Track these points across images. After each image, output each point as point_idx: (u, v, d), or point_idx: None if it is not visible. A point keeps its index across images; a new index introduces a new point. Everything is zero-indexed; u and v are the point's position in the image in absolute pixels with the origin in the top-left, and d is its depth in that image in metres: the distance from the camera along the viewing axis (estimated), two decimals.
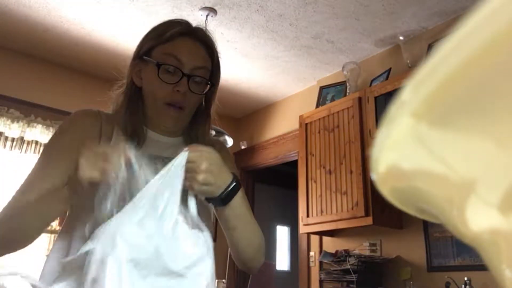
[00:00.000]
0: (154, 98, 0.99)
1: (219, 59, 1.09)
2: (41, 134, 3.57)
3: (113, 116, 1.02)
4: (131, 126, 0.99)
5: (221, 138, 3.16)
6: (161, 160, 1.00)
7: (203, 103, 1.09)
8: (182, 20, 1.06)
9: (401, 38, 3.04)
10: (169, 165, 0.78)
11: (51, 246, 2.98)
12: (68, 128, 1.00)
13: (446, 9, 2.83)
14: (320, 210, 3.12)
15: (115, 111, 1.04)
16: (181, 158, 0.78)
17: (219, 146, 1.13)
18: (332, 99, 3.40)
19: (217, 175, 0.83)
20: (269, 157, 4.25)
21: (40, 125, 3.57)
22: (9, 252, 0.90)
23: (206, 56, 1.04)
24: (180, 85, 0.98)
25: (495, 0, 0.19)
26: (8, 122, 3.47)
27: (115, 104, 1.05)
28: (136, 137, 0.99)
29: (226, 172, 0.86)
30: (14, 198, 0.91)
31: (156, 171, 0.96)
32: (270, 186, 5.58)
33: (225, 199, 0.86)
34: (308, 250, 3.62)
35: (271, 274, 3.40)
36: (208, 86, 1.04)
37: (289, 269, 5.74)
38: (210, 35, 1.07)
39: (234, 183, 0.87)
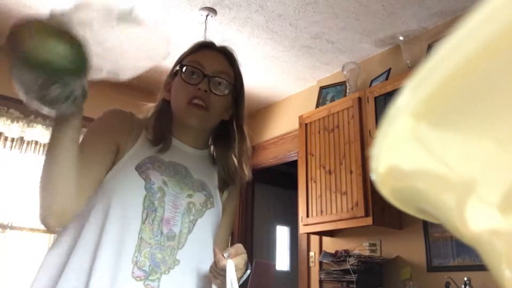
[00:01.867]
0: (179, 100, 1.07)
1: (242, 78, 1.17)
2: (41, 134, 3.57)
3: (143, 121, 1.10)
4: (159, 131, 1.06)
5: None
6: (183, 168, 1.06)
7: (236, 121, 1.15)
8: (208, 40, 1.18)
9: (401, 38, 3.04)
10: (229, 279, 0.87)
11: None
12: (103, 122, 1.05)
13: (446, 9, 2.83)
14: (320, 210, 3.12)
15: (145, 118, 1.11)
16: (231, 268, 0.89)
17: (237, 182, 1.19)
18: (332, 99, 3.40)
19: (243, 270, 0.95)
20: (269, 157, 4.25)
21: (40, 125, 3.57)
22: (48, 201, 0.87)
23: (227, 64, 1.12)
24: (201, 84, 1.05)
25: (495, 0, 0.19)
26: (8, 122, 3.47)
27: (146, 113, 1.13)
28: (162, 142, 1.05)
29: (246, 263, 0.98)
30: None
31: (175, 175, 1.03)
32: (270, 186, 5.58)
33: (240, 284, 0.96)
34: (308, 250, 3.63)
35: (271, 274, 3.40)
36: (230, 88, 1.10)
37: (289, 269, 5.74)
38: (230, 48, 1.16)
39: (249, 271, 0.98)
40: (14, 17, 3.15)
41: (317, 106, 3.51)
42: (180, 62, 1.12)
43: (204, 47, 1.13)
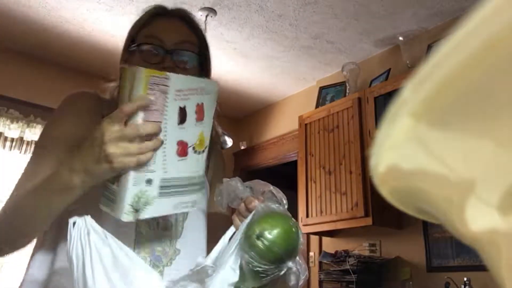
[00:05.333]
0: None
1: (206, 40, 1.03)
2: None
3: (111, 104, 0.93)
4: None
5: (220, 139, 3.16)
6: None
7: None
8: (158, 4, 1.03)
9: (400, 38, 3.04)
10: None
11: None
12: (67, 111, 0.92)
13: (445, 9, 2.83)
14: (320, 210, 3.12)
15: (112, 99, 0.97)
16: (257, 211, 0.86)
17: (215, 154, 1.12)
18: (332, 100, 3.40)
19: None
20: (268, 158, 4.25)
21: (39, 125, 3.57)
22: (12, 250, 0.84)
23: (188, 31, 0.99)
24: (164, 62, 0.92)
25: (495, 0, 0.19)
26: (8, 122, 3.47)
27: (110, 94, 1.00)
28: None
29: None
30: (11, 198, 0.84)
31: None
32: None
33: None
34: (308, 250, 3.62)
35: None
36: (196, 58, 0.98)
37: None
38: (187, 12, 1.02)
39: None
40: (14, 17, 3.12)
41: (317, 106, 3.51)
42: (136, 36, 0.98)
43: (158, 15, 0.98)
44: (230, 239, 0.83)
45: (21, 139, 3.50)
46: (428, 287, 2.70)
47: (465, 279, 2.39)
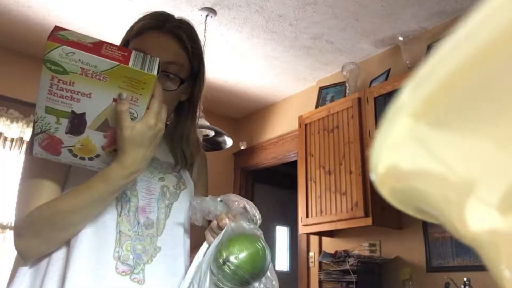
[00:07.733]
0: None
1: (200, 50, 1.02)
2: None
3: None
4: None
5: (220, 139, 3.16)
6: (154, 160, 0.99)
7: (190, 99, 1.04)
8: (156, 12, 1.02)
9: (400, 38, 3.04)
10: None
11: None
12: None
13: (445, 9, 2.84)
14: (320, 210, 3.12)
15: None
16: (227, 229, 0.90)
17: (200, 156, 1.13)
18: (332, 100, 3.40)
19: None
20: (268, 158, 4.25)
21: None
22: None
23: (178, 51, 0.97)
24: None
25: (494, 0, 0.19)
26: (8, 122, 3.47)
27: None
28: None
29: None
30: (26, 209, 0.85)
31: (151, 172, 0.98)
32: (270, 187, 5.58)
33: None
34: (308, 250, 3.62)
35: None
36: (179, 82, 0.96)
37: (288, 270, 5.74)
38: (183, 26, 1.00)
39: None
40: (14, 17, 3.11)
41: (317, 106, 3.51)
42: (127, 43, 0.99)
43: (151, 29, 0.97)
44: (204, 254, 0.87)
45: (21, 139, 3.50)
46: (428, 287, 2.70)
47: (465, 279, 2.39)
